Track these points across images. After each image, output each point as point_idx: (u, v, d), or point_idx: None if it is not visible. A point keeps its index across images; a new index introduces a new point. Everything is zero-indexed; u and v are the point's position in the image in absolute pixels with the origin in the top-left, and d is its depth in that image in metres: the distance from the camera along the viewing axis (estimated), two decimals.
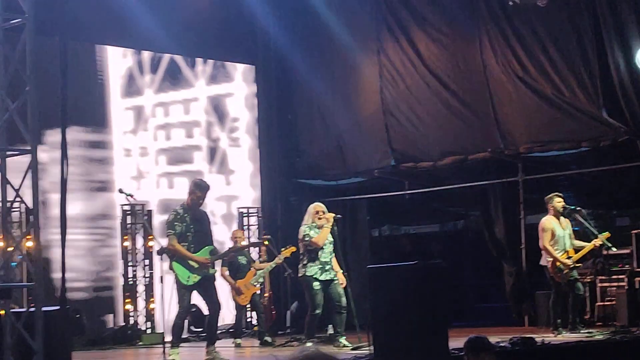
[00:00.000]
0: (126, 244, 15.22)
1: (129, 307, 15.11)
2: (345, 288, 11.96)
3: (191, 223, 10.64)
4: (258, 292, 14.01)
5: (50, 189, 13.92)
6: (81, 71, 15.18)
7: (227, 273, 13.69)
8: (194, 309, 13.92)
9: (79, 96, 14.25)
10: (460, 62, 15.44)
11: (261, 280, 14.00)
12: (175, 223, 10.59)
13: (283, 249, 13.47)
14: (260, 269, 13.86)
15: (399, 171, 16.46)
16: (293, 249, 13.12)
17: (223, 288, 13.78)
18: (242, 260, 13.84)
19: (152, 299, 15.18)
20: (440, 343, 9.00)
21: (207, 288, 10.73)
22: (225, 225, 16.91)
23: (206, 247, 10.70)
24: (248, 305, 14.50)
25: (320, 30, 17.24)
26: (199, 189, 10.77)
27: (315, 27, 17.29)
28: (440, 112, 15.70)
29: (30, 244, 9.99)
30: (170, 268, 10.68)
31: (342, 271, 12.07)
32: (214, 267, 10.87)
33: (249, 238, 16.33)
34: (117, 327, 15.09)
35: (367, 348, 9.95)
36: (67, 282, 10.32)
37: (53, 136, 13.61)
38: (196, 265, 10.53)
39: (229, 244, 14.28)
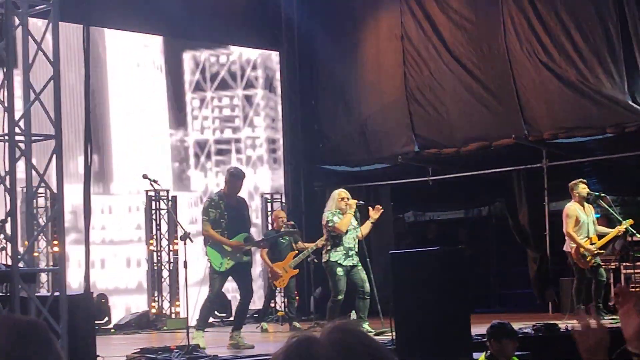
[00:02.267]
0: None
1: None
2: (368, 274, 11.95)
3: (226, 210, 10.82)
4: (297, 274, 13.80)
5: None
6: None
7: (266, 255, 13.56)
8: None
9: None
10: (484, 48, 15.40)
11: (299, 261, 13.68)
12: (210, 209, 10.80)
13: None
14: (302, 250, 13.57)
15: (423, 157, 16.45)
16: None
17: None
18: (284, 240, 13.68)
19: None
20: (463, 329, 9.01)
21: (242, 275, 10.90)
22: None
23: (241, 234, 10.83)
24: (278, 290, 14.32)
25: (344, 15, 17.26)
26: (234, 177, 10.97)
27: (339, 12, 17.31)
28: (464, 98, 15.67)
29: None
30: (205, 253, 10.88)
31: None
32: (248, 255, 10.94)
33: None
34: (142, 312, 15.18)
35: (389, 334, 9.97)
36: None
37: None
38: (229, 250, 10.67)
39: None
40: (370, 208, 12.16)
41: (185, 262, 10.49)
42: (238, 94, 17.23)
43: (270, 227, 14.91)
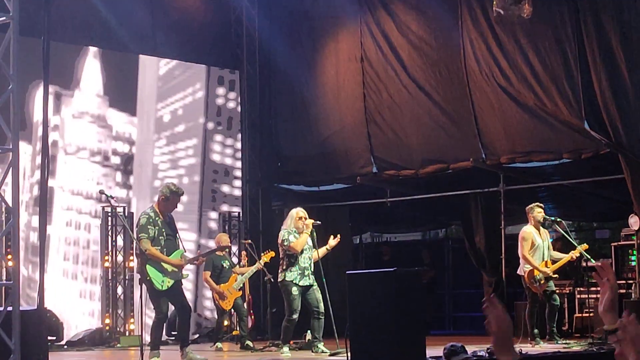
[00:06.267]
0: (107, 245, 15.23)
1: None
2: (324, 294, 11.95)
3: (163, 227, 10.59)
4: (240, 295, 13.95)
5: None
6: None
7: (209, 277, 13.66)
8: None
9: None
10: (442, 71, 15.46)
11: (242, 285, 13.96)
12: (149, 227, 10.51)
13: (263, 253, 13.49)
14: (241, 274, 13.85)
15: (381, 179, 16.49)
16: (272, 254, 13.14)
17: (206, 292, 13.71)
18: (225, 264, 13.84)
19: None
20: (418, 350, 9.03)
21: (176, 293, 10.71)
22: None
23: (177, 251, 10.68)
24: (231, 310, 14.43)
25: (305, 36, 17.30)
26: (173, 194, 10.73)
27: (300, 33, 17.34)
28: (422, 120, 15.73)
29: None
30: (141, 272, 10.61)
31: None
32: (184, 272, 10.84)
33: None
34: (95, 328, 15.03)
35: (344, 354, 9.97)
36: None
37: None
38: (170, 269, 10.49)
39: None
40: (332, 236, 12.20)
41: (140, 279, 10.38)
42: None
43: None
